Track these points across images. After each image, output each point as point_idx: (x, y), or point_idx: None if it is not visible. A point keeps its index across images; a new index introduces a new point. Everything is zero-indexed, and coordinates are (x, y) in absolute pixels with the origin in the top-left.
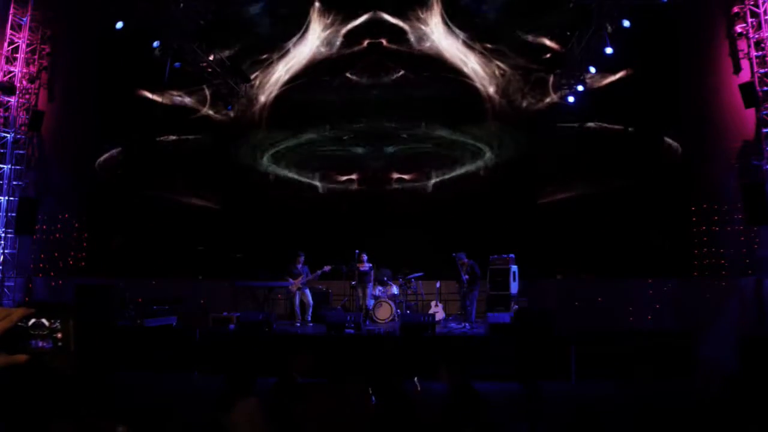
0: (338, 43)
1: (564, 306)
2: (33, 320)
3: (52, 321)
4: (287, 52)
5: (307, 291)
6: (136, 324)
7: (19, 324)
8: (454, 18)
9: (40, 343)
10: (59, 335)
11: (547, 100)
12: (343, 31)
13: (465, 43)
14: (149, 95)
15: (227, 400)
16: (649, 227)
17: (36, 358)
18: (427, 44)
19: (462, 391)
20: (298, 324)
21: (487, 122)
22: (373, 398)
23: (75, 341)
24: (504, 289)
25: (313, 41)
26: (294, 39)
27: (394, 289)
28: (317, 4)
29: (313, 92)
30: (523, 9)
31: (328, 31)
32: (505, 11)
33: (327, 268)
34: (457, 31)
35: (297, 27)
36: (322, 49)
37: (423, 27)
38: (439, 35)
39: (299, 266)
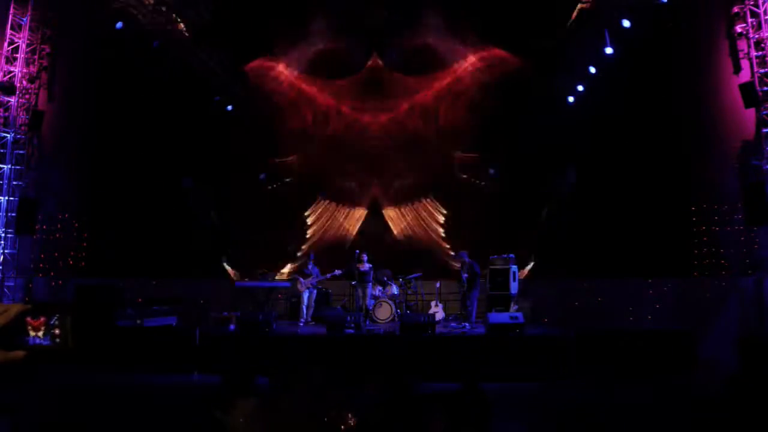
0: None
1: (564, 305)
2: (31, 317)
3: (50, 318)
4: (287, 52)
5: (314, 292)
6: (136, 324)
7: (17, 320)
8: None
9: (38, 340)
10: (57, 332)
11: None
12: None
13: (465, 45)
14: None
15: (226, 400)
16: (649, 227)
17: (33, 354)
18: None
19: (470, 392)
20: (302, 322)
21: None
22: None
23: (73, 338)
24: (504, 289)
25: (315, 43)
26: (296, 40)
27: (394, 289)
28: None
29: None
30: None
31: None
32: (505, 12)
33: (338, 271)
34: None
35: (299, 28)
36: (323, 48)
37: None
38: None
39: (309, 266)
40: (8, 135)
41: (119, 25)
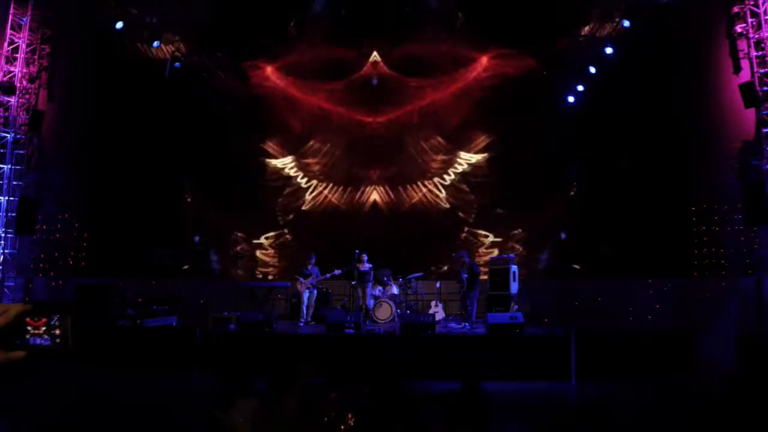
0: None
1: (564, 305)
2: (31, 317)
3: (50, 318)
4: (287, 51)
5: (315, 292)
6: (136, 324)
7: (17, 320)
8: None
9: (38, 340)
10: (57, 332)
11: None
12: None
13: (465, 44)
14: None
15: (226, 400)
16: (649, 227)
17: (34, 354)
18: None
19: (470, 391)
20: (302, 322)
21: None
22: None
23: (73, 338)
24: (504, 289)
25: (313, 42)
26: (294, 39)
27: (394, 289)
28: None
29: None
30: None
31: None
32: (505, 11)
33: (338, 271)
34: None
35: (297, 27)
36: (323, 48)
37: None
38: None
39: (310, 266)
40: (8, 135)
41: (119, 25)
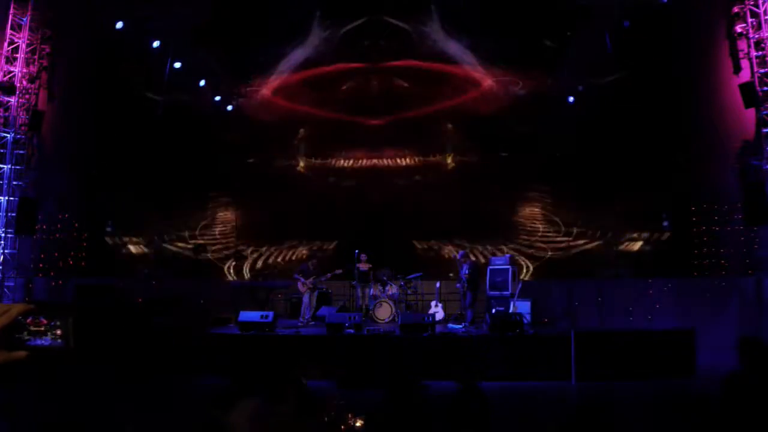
0: (338, 42)
1: (564, 306)
2: (32, 317)
3: (52, 318)
4: (287, 52)
5: (316, 292)
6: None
7: (19, 320)
8: (453, 19)
9: (39, 341)
10: (59, 332)
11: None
12: (343, 31)
13: (465, 44)
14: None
15: (227, 401)
16: (649, 227)
17: (35, 354)
18: (428, 43)
19: (469, 392)
20: (302, 322)
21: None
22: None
23: (74, 338)
24: (503, 290)
25: (313, 41)
26: (295, 40)
27: (394, 289)
28: (318, 12)
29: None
30: (523, 9)
31: (328, 31)
32: (505, 11)
33: (339, 270)
34: (456, 31)
35: (298, 28)
36: (322, 49)
37: (423, 27)
38: (438, 35)
39: (311, 267)
40: (8, 135)
41: (119, 25)
